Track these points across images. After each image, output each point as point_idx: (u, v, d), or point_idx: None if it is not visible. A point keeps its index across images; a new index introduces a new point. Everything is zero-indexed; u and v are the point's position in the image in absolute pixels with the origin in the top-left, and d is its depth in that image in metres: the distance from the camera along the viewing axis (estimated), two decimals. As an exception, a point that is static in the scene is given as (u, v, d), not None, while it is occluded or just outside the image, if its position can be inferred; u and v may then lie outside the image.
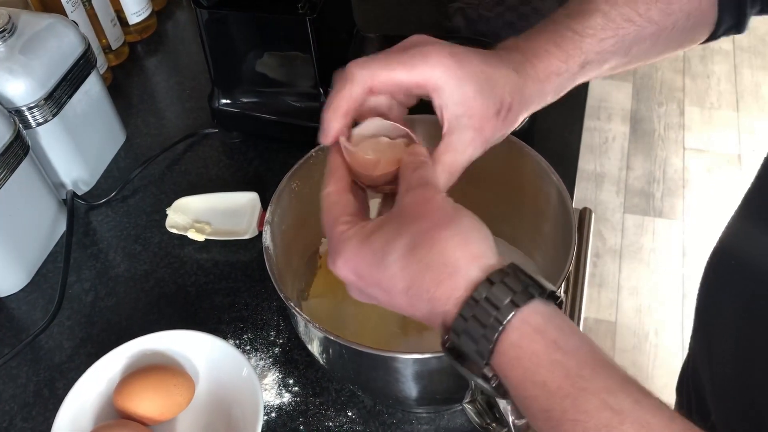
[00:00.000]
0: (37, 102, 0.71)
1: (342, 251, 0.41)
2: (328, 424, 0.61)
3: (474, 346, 0.36)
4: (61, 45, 0.74)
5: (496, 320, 0.35)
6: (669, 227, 1.88)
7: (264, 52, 0.77)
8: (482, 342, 0.36)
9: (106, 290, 0.73)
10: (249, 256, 0.74)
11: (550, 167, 0.56)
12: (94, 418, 0.60)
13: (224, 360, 0.61)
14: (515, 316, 0.35)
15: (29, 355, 0.68)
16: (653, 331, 1.68)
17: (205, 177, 0.82)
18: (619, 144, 2.08)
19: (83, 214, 0.80)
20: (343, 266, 0.41)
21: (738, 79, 2.22)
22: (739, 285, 0.54)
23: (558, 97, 0.50)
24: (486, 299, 0.36)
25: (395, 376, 0.51)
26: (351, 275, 0.40)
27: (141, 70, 0.96)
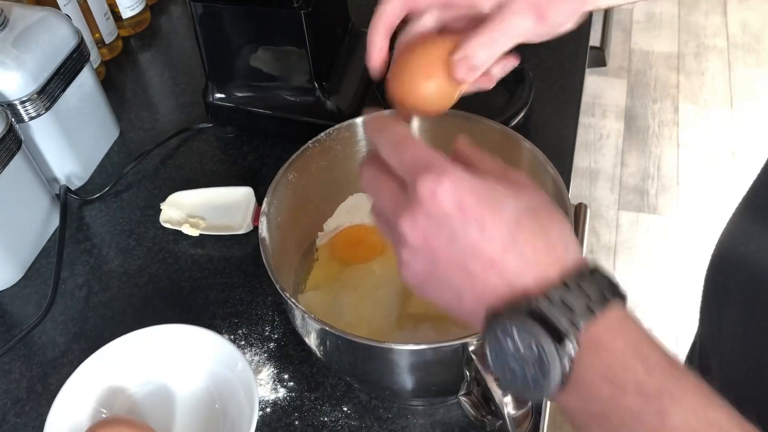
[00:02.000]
0: (30, 96, 0.71)
1: (453, 173, 0.37)
2: (324, 419, 0.61)
3: (569, 314, 0.34)
4: (54, 38, 0.73)
5: (604, 296, 0.35)
6: (663, 224, 1.88)
7: (259, 46, 0.77)
8: (583, 312, 0.34)
9: (100, 285, 0.72)
10: (244, 251, 0.74)
11: (547, 159, 0.56)
12: (88, 414, 0.60)
13: (219, 355, 0.61)
14: (619, 299, 0.35)
15: (22, 351, 0.68)
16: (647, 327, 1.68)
17: (200, 172, 0.82)
18: (613, 141, 2.08)
19: (76, 209, 0.79)
20: (451, 189, 0.36)
21: (732, 76, 2.22)
22: (744, 281, 0.54)
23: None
24: (595, 276, 0.36)
25: (391, 368, 0.50)
26: (451, 201, 0.36)
27: (135, 64, 0.96)
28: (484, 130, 0.59)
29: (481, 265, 0.36)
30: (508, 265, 0.36)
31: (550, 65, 0.88)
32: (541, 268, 0.36)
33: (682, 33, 2.37)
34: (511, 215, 0.36)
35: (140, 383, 0.62)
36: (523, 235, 0.36)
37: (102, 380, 0.61)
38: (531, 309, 0.35)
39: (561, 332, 0.34)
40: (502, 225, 0.36)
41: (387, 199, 0.40)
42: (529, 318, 0.35)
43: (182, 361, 0.62)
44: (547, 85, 0.86)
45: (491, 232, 0.36)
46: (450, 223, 0.37)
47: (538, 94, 0.81)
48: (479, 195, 0.36)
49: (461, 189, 0.36)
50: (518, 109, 0.78)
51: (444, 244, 0.37)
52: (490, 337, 0.37)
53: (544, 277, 0.36)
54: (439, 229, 0.37)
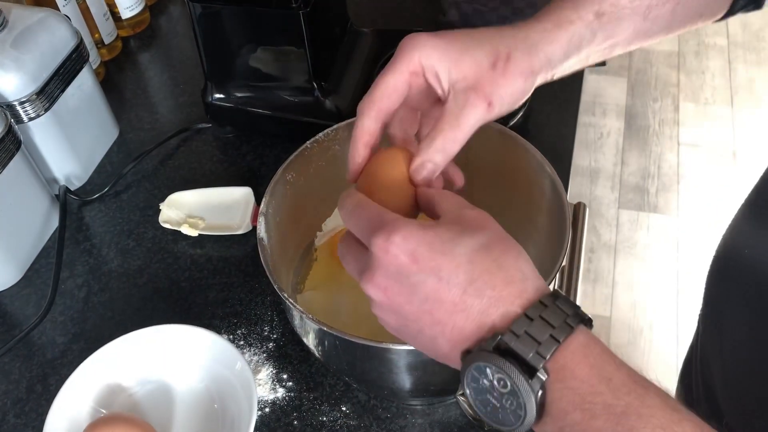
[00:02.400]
0: (29, 97, 0.71)
1: (402, 228, 0.38)
2: (322, 418, 0.61)
3: (534, 346, 0.35)
4: (53, 39, 0.74)
5: (566, 323, 0.36)
6: (664, 222, 1.88)
7: (257, 46, 0.77)
8: (548, 342, 0.35)
9: (99, 286, 0.73)
10: (243, 251, 0.74)
11: (545, 159, 0.56)
12: (87, 414, 0.60)
13: (218, 354, 0.61)
14: (572, 333, 0.36)
15: (22, 351, 0.68)
16: (648, 326, 1.68)
17: (199, 172, 0.82)
18: (613, 139, 2.08)
19: (76, 210, 0.79)
20: (402, 242, 0.38)
21: (732, 75, 2.22)
22: (747, 281, 0.54)
23: (579, 50, 0.49)
24: (556, 304, 0.36)
25: (389, 367, 0.50)
26: (404, 255, 0.38)
27: (134, 64, 0.96)
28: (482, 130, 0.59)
29: (445, 311, 0.37)
30: (470, 306, 0.37)
31: (549, 64, 0.88)
32: (504, 303, 0.37)
33: (683, 31, 2.36)
34: (464, 256, 0.37)
35: (140, 383, 0.63)
36: (479, 274, 0.37)
37: (101, 380, 0.61)
38: (498, 345, 0.36)
39: (530, 365, 0.35)
40: (457, 268, 0.37)
41: (352, 264, 0.42)
42: (498, 355, 0.36)
43: (181, 361, 0.62)
44: (546, 84, 0.85)
45: (448, 277, 0.37)
46: (407, 276, 0.38)
47: (537, 94, 0.80)
48: (430, 243, 0.38)
49: (411, 241, 0.38)
50: (517, 108, 0.77)
51: (407, 298, 0.38)
52: (467, 377, 0.38)
53: (507, 313, 0.37)
54: (398, 284, 0.38)
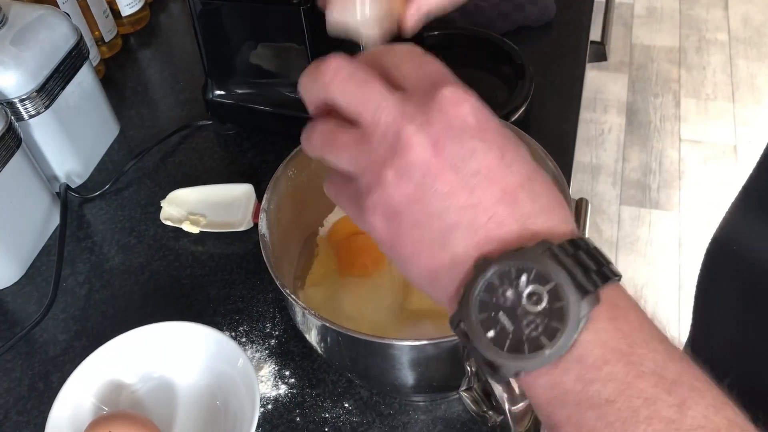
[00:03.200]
0: (29, 94, 0.71)
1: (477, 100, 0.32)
2: (325, 415, 0.61)
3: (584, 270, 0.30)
4: (53, 36, 0.73)
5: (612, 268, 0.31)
6: (665, 219, 1.88)
7: (258, 43, 0.77)
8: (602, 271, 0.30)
9: (101, 283, 0.73)
10: (244, 248, 0.74)
11: (546, 153, 0.56)
12: (90, 411, 0.60)
13: (220, 351, 0.61)
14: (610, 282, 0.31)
15: (24, 349, 0.68)
16: (650, 323, 1.68)
17: (200, 169, 0.82)
18: (615, 136, 2.08)
19: (77, 207, 0.79)
20: (477, 104, 0.32)
21: (734, 71, 2.22)
22: (738, 272, 0.54)
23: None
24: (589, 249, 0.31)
25: (392, 363, 0.50)
26: (476, 117, 0.31)
27: (134, 62, 0.96)
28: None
29: (491, 194, 0.30)
30: (521, 203, 0.31)
31: (550, 60, 0.88)
32: (554, 218, 0.31)
33: (684, 27, 2.36)
34: (527, 157, 0.32)
35: (142, 380, 0.62)
36: (539, 179, 0.32)
37: (104, 378, 0.61)
38: (550, 252, 0.30)
39: (582, 285, 0.29)
40: (523, 160, 0.32)
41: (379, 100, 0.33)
42: (551, 260, 0.29)
43: (183, 358, 0.62)
44: (547, 80, 0.85)
45: (511, 160, 0.31)
46: (470, 138, 0.31)
47: (538, 89, 0.81)
48: (500, 128, 0.32)
49: (484, 113, 0.32)
50: (519, 104, 0.77)
51: (454, 162, 0.31)
52: (478, 288, 0.30)
53: (556, 229, 0.31)
54: (455, 142, 0.31)
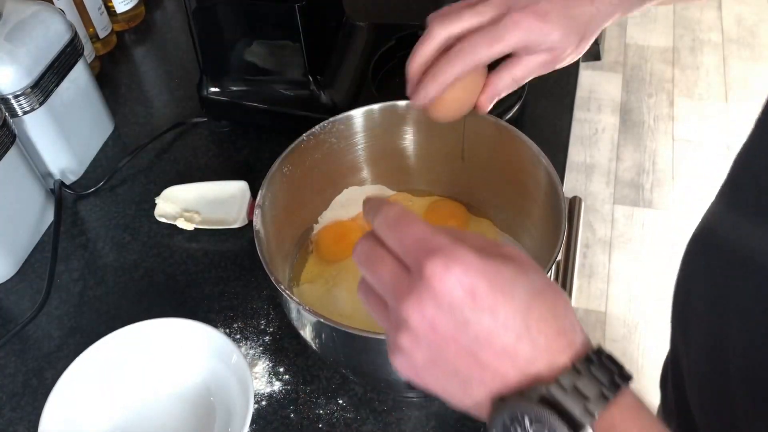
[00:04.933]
0: (24, 90, 0.71)
1: (462, 257, 0.35)
2: (319, 411, 0.61)
3: (582, 401, 0.34)
4: (48, 33, 0.73)
5: (614, 381, 0.34)
6: (658, 218, 1.89)
7: (253, 40, 0.77)
8: (597, 399, 0.34)
9: (95, 280, 0.72)
10: (239, 245, 0.74)
11: (540, 151, 0.56)
12: (83, 408, 0.60)
13: (214, 348, 0.61)
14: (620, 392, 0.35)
15: (17, 345, 0.68)
16: (643, 321, 1.69)
17: (194, 166, 0.82)
18: (608, 135, 2.08)
19: (71, 204, 0.79)
20: (462, 275, 0.34)
21: (727, 71, 2.23)
22: (714, 269, 0.54)
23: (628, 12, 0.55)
24: (602, 361, 0.35)
25: (386, 359, 0.50)
26: (462, 289, 0.34)
27: (129, 59, 0.96)
28: (479, 123, 0.59)
29: (493, 354, 0.35)
30: (521, 353, 0.35)
31: (544, 59, 0.88)
32: (553, 354, 0.35)
33: (678, 27, 2.37)
34: (523, 300, 0.35)
35: (136, 377, 0.62)
36: (535, 322, 0.35)
37: (97, 374, 0.61)
38: (543, 396, 0.34)
39: (576, 421, 0.33)
40: (515, 312, 0.35)
41: (386, 278, 0.37)
42: (543, 406, 0.34)
43: (178, 355, 0.62)
44: (541, 78, 0.85)
45: (505, 320, 0.34)
46: (461, 311, 0.34)
47: (532, 88, 0.81)
48: (490, 280, 0.35)
49: (472, 274, 0.34)
50: (512, 102, 0.78)
51: (453, 333, 0.35)
52: (496, 426, 0.35)
53: (555, 363, 0.35)
54: (448, 316, 0.35)
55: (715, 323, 0.53)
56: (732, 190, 0.53)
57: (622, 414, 0.34)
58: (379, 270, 0.38)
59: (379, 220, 0.39)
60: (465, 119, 0.54)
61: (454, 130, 0.50)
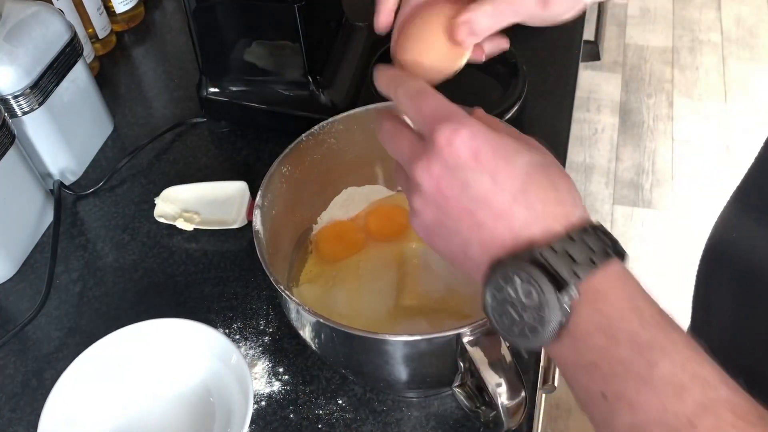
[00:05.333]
0: (23, 90, 0.71)
1: (471, 125, 0.38)
2: (318, 412, 0.61)
3: (571, 264, 0.35)
4: (47, 33, 0.73)
5: (606, 251, 0.36)
6: (658, 218, 1.89)
7: (252, 40, 0.77)
8: (585, 264, 0.35)
9: (95, 280, 0.72)
10: (238, 245, 0.74)
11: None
12: (83, 408, 0.60)
13: (214, 348, 0.61)
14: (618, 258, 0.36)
15: (16, 346, 0.68)
16: (643, 322, 1.69)
17: (194, 166, 0.82)
18: (608, 135, 2.08)
19: (70, 204, 0.79)
20: (468, 138, 0.37)
21: (726, 71, 2.23)
22: (735, 272, 0.54)
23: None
24: (598, 234, 0.36)
25: (385, 359, 0.51)
26: (467, 150, 0.37)
27: (128, 59, 0.96)
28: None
29: (490, 214, 0.37)
30: (516, 216, 0.37)
31: (544, 59, 0.88)
32: (548, 220, 0.37)
33: (677, 27, 2.37)
34: (523, 168, 0.37)
35: (135, 377, 0.62)
36: (533, 188, 0.37)
37: (97, 375, 0.61)
38: (534, 257, 0.36)
39: (562, 281, 0.35)
40: (514, 176, 0.37)
41: (405, 148, 0.41)
42: (532, 265, 0.35)
43: (177, 355, 0.62)
44: (541, 78, 0.86)
45: (503, 182, 0.37)
46: (464, 172, 0.37)
47: (532, 88, 0.81)
48: (494, 147, 0.37)
49: (477, 139, 0.37)
50: (512, 102, 0.78)
51: (456, 192, 0.38)
52: (491, 286, 0.37)
53: (549, 229, 0.37)
54: (452, 177, 0.38)
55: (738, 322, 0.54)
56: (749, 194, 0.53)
57: (608, 279, 0.36)
58: (398, 142, 0.41)
59: (401, 91, 0.42)
60: None
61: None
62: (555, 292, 0.35)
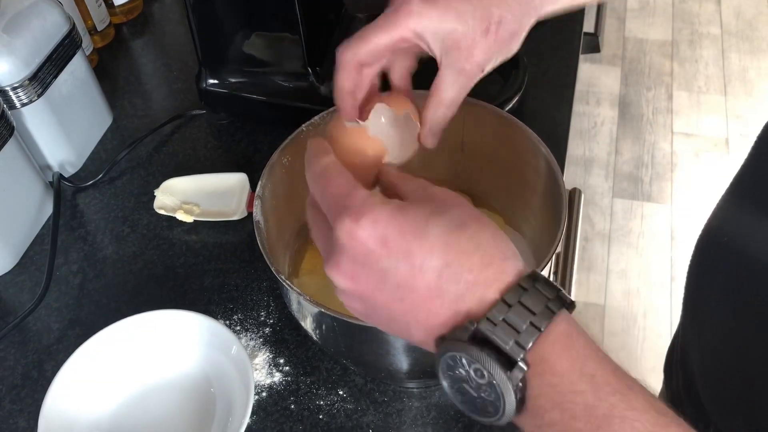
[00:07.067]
0: (22, 82, 0.71)
1: (370, 211, 0.35)
2: (320, 402, 0.61)
3: (513, 335, 0.33)
4: (45, 25, 0.73)
5: (548, 308, 0.33)
6: (657, 211, 1.89)
7: (252, 32, 0.77)
8: (528, 331, 0.33)
9: (94, 272, 0.72)
10: (238, 237, 0.74)
11: (540, 140, 0.56)
12: (84, 400, 0.60)
13: (214, 339, 0.61)
14: (564, 310, 0.34)
15: (17, 338, 0.68)
16: (641, 314, 1.69)
17: (193, 158, 0.82)
18: (607, 128, 2.08)
19: (70, 196, 0.79)
20: (371, 227, 0.35)
21: (726, 64, 2.23)
22: (728, 266, 0.54)
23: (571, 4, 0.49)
24: (536, 288, 0.34)
25: (386, 349, 0.50)
26: (373, 241, 0.35)
27: (127, 51, 0.95)
28: (479, 112, 0.59)
29: (419, 297, 0.35)
30: (446, 292, 0.35)
31: (544, 50, 0.88)
32: (480, 289, 0.34)
33: (676, 20, 2.37)
34: (439, 238, 0.35)
35: (136, 369, 0.62)
36: (456, 258, 0.34)
37: (97, 366, 0.61)
38: (474, 334, 0.34)
39: (508, 356, 0.33)
40: (431, 252, 0.34)
41: (321, 243, 0.39)
42: (474, 345, 0.33)
43: (178, 347, 0.62)
44: (541, 70, 0.85)
45: (422, 262, 0.34)
46: (377, 263, 0.35)
47: (532, 80, 0.81)
48: (400, 226, 0.35)
49: (380, 224, 0.35)
50: (512, 94, 0.78)
51: (375, 285, 0.36)
52: (441, 366, 0.35)
53: (484, 299, 0.34)
54: (366, 271, 0.36)
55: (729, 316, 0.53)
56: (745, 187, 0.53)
57: (554, 345, 0.33)
58: (317, 236, 0.40)
59: (309, 174, 0.40)
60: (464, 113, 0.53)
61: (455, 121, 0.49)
62: (503, 371, 0.33)
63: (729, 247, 0.54)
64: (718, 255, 0.56)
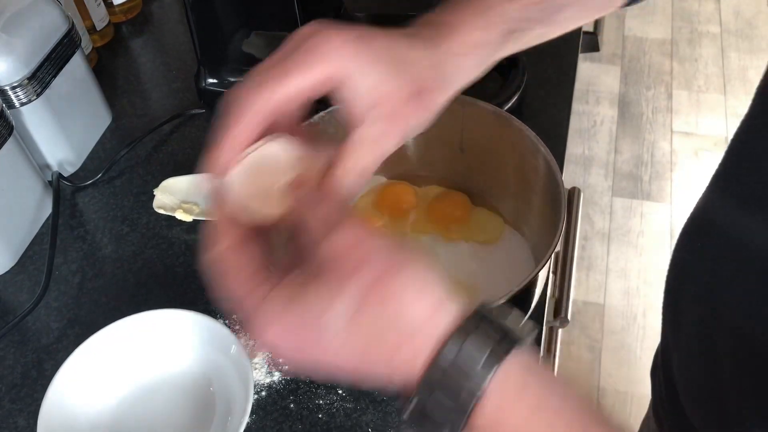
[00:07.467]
0: (21, 81, 0.70)
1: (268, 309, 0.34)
2: (319, 401, 0.61)
3: (448, 408, 0.31)
4: (44, 24, 0.73)
5: (469, 392, 0.31)
6: (657, 210, 1.89)
7: (250, 31, 0.77)
8: (453, 414, 0.31)
9: (94, 271, 0.72)
10: (237, 236, 0.74)
11: (539, 139, 0.56)
12: (83, 398, 0.60)
13: (213, 339, 0.61)
14: (492, 379, 0.31)
15: (16, 337, 0.68)
16: (641, 313, 1.69)
17: (192, 157, 0.82)
18: (607, 127, 2.08)
19: (69, 196, 0.79)
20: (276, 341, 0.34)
21: (725, 63, 2.23)
22: (707, 257, 0.54)
23: (481, 72, 0.44)
24: (454, 365, 0.31)
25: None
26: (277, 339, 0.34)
27: (126, 50, 0.95)
28: (478, 112, 0.59)
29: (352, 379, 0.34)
30: (375, 377, 0.33)
31: (543, 49, 0.87)
32: (403, 369, 0.32)
33: (676, 19, 2.37)
34: (342, 337, 0.32)
35: (136, 368, 0.62)
36: (365, 345, 0.32)
37: (97, 365, 0.61)
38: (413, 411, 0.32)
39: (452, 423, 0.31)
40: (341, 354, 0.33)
41: None
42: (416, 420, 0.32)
43: (177, 346, 0.62)
44: (540, 69, 0.85)
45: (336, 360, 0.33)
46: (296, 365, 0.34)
47: (531, 78, 0.81)
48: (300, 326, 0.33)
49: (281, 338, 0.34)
50: (511, 93, 0.78)
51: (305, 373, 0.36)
52: None
53: (409, 381, 0.32)
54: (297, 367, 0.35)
55: (706, 313, 0.53)
56: (727, 177, 0.52)
57: (504, 399, 0.31)
58: None
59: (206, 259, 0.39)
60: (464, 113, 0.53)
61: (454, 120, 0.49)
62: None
63: (711, 234, 0.54)
64: (696, 247, 0.56)
